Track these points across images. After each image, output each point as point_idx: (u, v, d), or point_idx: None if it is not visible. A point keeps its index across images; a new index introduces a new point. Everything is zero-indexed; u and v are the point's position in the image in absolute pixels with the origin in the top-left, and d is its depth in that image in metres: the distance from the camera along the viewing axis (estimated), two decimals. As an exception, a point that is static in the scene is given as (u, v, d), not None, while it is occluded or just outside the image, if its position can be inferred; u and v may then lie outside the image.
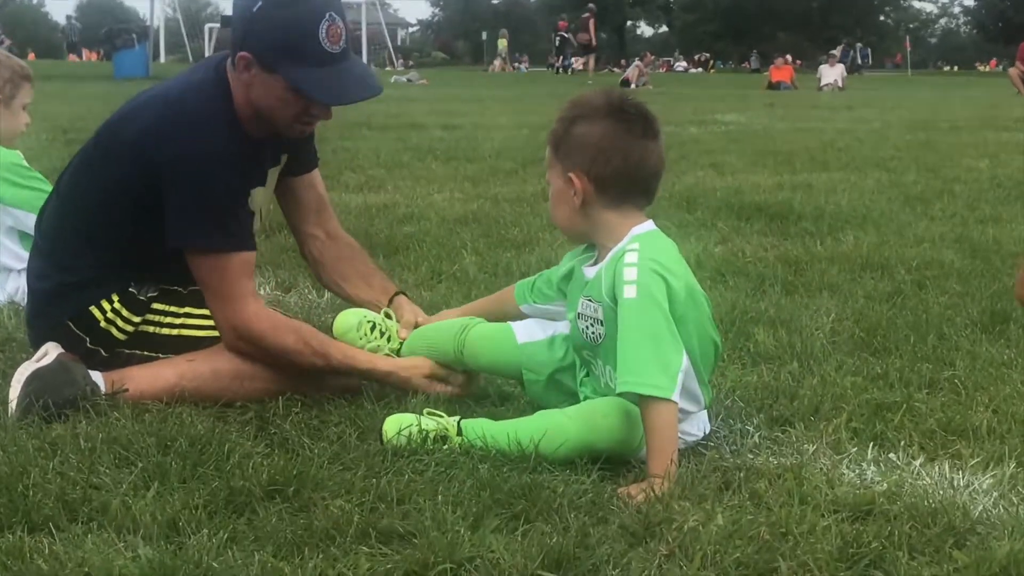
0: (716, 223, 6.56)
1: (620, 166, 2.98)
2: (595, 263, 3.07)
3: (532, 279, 3.41)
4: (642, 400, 2.81)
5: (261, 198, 3.50)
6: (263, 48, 3.23)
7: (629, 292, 2.86)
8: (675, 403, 2.80)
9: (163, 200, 3.26)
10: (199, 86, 3.38)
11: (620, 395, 2.84)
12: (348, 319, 3.58)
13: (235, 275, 3.30)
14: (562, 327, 3.26)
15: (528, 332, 3.32)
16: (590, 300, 3.02)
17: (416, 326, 3.57)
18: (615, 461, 2.85)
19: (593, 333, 3.03)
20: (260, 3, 3.21)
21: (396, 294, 3.73)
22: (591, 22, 40.39)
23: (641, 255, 2.90)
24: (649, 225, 3.02)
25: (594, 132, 2.99)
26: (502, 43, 51.82)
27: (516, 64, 62.74)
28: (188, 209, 3.25)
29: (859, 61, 51.99)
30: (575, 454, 2.82)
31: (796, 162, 10.18)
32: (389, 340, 3.54)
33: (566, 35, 44.64)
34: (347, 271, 3.77)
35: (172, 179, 3.24)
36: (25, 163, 4.71)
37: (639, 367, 2.81)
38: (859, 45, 48.10)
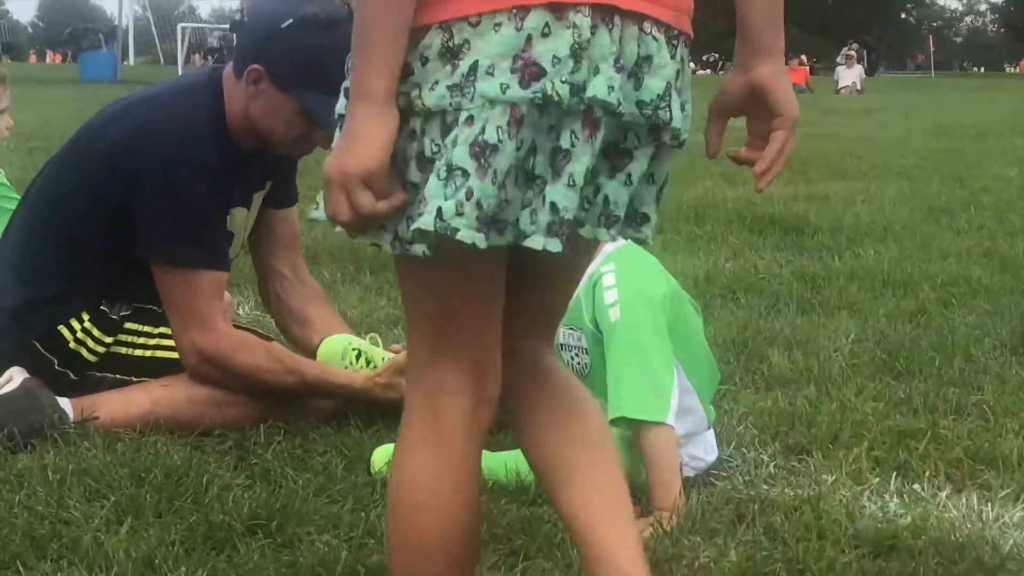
0: (727, 237, 6.59)
1: None
2: None
3: None
4: (635, 427, 2.82)
5: (241, 221, 3.52)
6: (282, 67, 3.27)
7: (613, 314, 2.88)
8: (670, 427, 2.81)
9: (135, 207, 3.28)
10: (189, 90, 3.41)
11: (613, 423, 2.81)
12: (333, 346, 3.61)
13: (203, 294, 3.32)
14: None
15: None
16: (572, 329, 3.04)
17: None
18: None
19: (579, 364, 3.05)
20: (291, 21, 3.26)
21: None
22: None
23: (618, 275, 2.92)
24: (620, 242, 3.02)
25: None
26: None
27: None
28: (161, 217, 3.27)
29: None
30: None
31: (812, 171, 10.20)
32: (374, 367, 3.55)
33: None
34: (312, 316, 3.77)
35: (147, 184, 3.26)
36: (5, 180, 4.75)
37: (629, 392, 2.82)
38: (855, 45, 48.25)
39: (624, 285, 2.89)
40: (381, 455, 2.95)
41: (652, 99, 1.78)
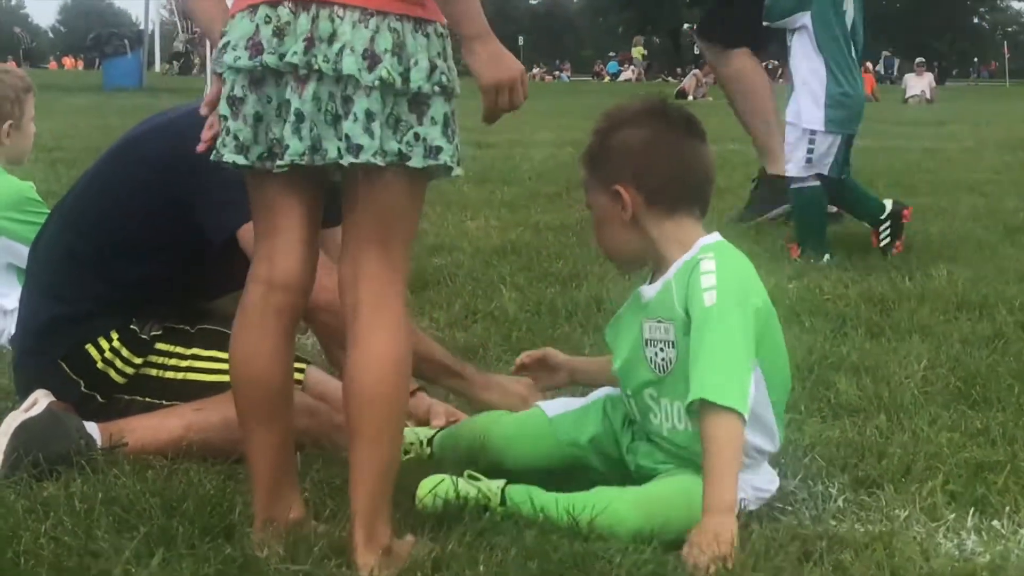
0: (790, 255, 6.57)
1: (668, 170, 3.06)
2: (652, 281, 3.11)
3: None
4: (706, 409, 2.82)
5: None
6: None
7: (709, 299, 2.90)
8: (742, 421, 2.81)
9: (197, 208, 3.33)
10: None
11: (689, 406, 2.88)
12: None
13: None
14: (599, 394, 3.33)
15: (559, 407, 3.35)
16: (659, 321, 3.04)
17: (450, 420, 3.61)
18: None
19: (664, 359, 3.03)
20: None
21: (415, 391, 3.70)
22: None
23: (719, 262, 2.96)
24: (717, 236, 3.09)
25: (635, 137, 3.09)
26: (638, 51, 52.14)
27: (557, 72, 62.96)
28: (228, 195, 3.22)
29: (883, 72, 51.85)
30: (637, 541, 2.79)
31: (878, 185, 10.12)
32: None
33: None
34: None
35: (207, 179, 3.25)
36: (36, 195, 4.83)
37: (712, 374, 2.83)
38: (885, 54, 48.02)
39: (723, 275, 2.93)
40: (427, 485, 2.95)
41: (333, 56, 2.54)
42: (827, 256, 6.49)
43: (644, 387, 3.09)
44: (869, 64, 42.22)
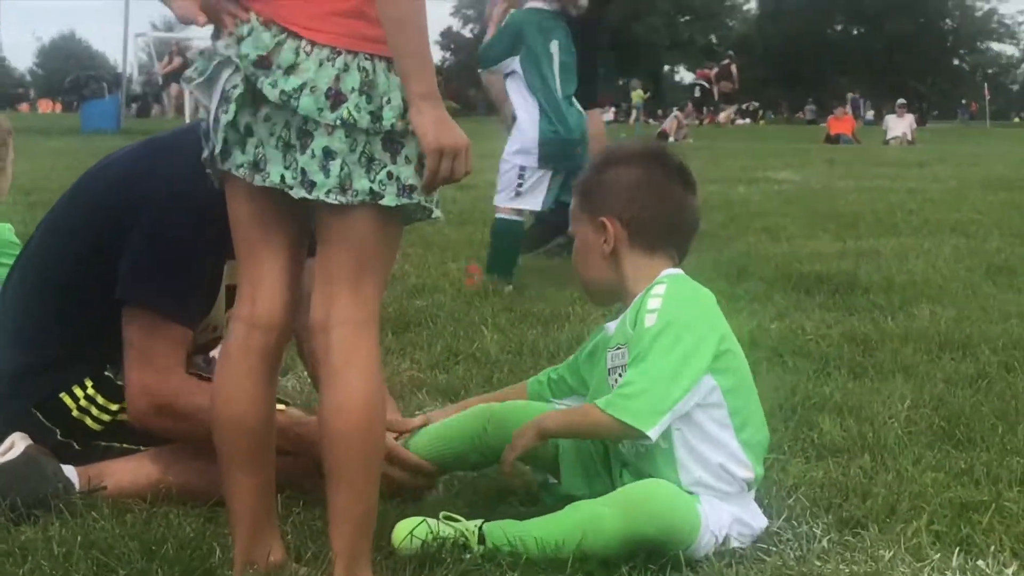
0: (772, 295, 6.60)
1: (655, 211, 3.18)
2: (617, 318, 3.20)
3: (548, 372, 3.52)
4: (615, 421, 2.96)
5: None
6: None
7: (649, 320, 3.02)
8: (648, 438, 2.94)
9: (124, 246, 3.30)
10: (193, 131, 3.43)
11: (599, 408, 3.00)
12: None
13: (169, 342, 3.33)
14: None
15: (569, 403, 3.42)
16: (617, 348, 3.14)
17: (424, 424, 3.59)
18: (665, 567, 2.85)
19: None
20: None
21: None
22: (733, 67, 43.37)
23: (668, 289, 3.08)
24: (678, 271, 3.19)
25: (629, 175, 3.22)
26: (637, 95, 52.36)
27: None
28: (146, 258, 3.28)
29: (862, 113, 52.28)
30: (622, 549, 2.85)
31: (861, 226, 10.21)
32: None
33: (707, 85, 45.85)
34: None
35: (137, 222, 3.29)
36: (15, 237, 4.83)
37: (627, 392, 2.97)
38: (851, 95, 48.62)
39: (670, 300, 3.04)
40: (404, 528, 2.95)
41: (288, 89, 2.54)
42: (510, 286, 6.83)
43: None
44: (848, 107, 42.59)
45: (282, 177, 2.58)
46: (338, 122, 2.53)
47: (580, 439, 3.21)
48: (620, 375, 3.10)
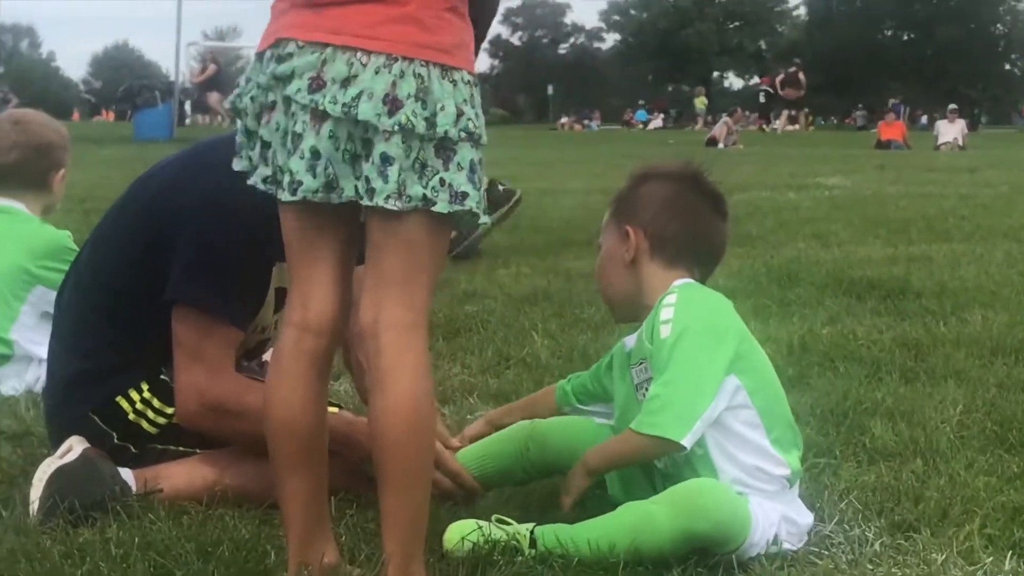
0: (823, 301, 6.57)
1: (682, 229, 3.21)
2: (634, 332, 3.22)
3: (572, 378, 3.54)
4: (648, 438, 2.98)
5: None
6: None
7: (664, 331, 3.03)
8: (682, 447, 2.95)
9: (172, 249, 3.32)
10: None
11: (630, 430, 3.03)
12: None
13: (219, 342, 3.35)
14: None
15: (606, 419, 3.43)
16: (640, 363, 3.15)
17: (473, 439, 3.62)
18: (717, 567, 2.86)
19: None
20: None
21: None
22: (800, 74, 43.01)
23: (680, 297, 3.09)
24: (689, 280, 3.20)
25: (661, 190, 3.25)
26: (701, 102, 52.58)
27: (586, 121, 63.11)
28: (195, 261, 3.31)
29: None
30: (675, 547, 2.87)
31: (912, 232, 10.16)
32: None
33: (772, 91, 45.91)
34: None
35: (187, 224, 3.32)
36: (73, 244, 4.90)
37: (654, 407, 2.98)
38: (892, 101, 48.47)
39: (682, 307, 3.05)
40: (456, 531, 2.97)
41: (347, 100, 2.55)
42: None
43: None
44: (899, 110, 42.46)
45: (355, 189, 2.61)
46: (396, 127, 2.55)
47: (626, 465, 3.19)
48: (647, 389, 3.11)
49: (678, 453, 3.01)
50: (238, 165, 2.77)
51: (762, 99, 47.81)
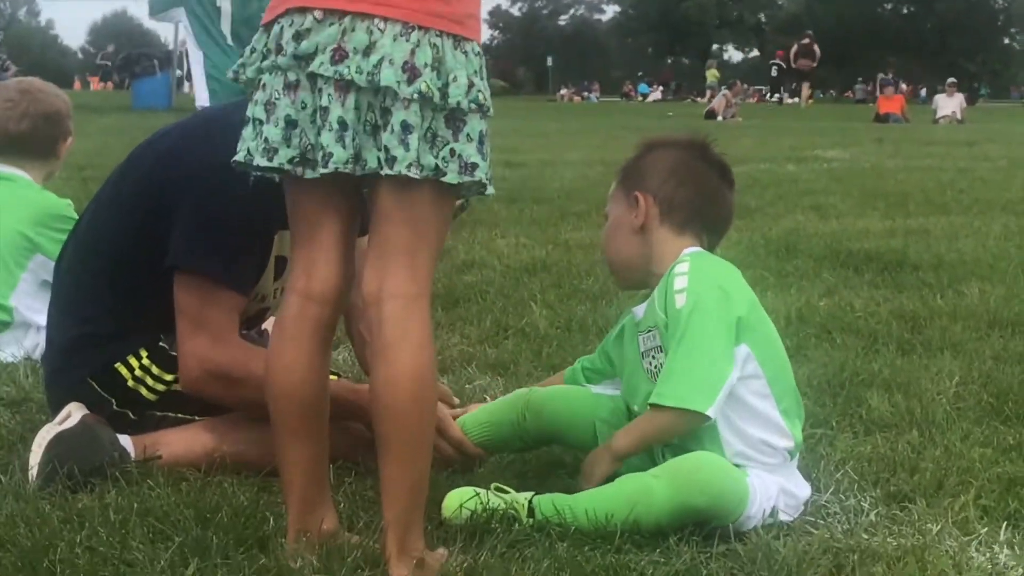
0: (820, 273, 6.58)
1: (691, 195, 3.21)
2: (645, 301, 3.22)
3: (582, 360, 3.57)
4: (672, 412, 2.98)
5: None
6: None
7: (679, 301, 3.02)
8: (708, 417, 2.95)
9: (174, 214, 3.32)
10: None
11: (652, 405, 3.02)
12: None
13: (222, 308, 3.34)
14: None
15: (602, 389, 3.45)
16: (648, 331, 3.15)
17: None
18: (713, 537, 2.87)
19: (656, 365, 3.13)
20: None
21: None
22: (815, 46, 43.27)
23: (692, 265, 3.09)
24: (700, 249, 3.20)
25: (669, 157, 3.25)
26: (712, 74, 52.65)
27: (585, 93, 63.02)
28: (197, 226, 3.30)
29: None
30: (672, 521, 2.87)
31: (910, 204, 10.17)
32: None
33: (784, 65, 46.11)
34: None
35: (189, 189, 3.31)
36: (74, 213, 4.89)
37: (675, 379, 2.98)
38: (881, 76, 48.78)
39: (696, 276, 3.05)
40: (455, 499, 2.97)
41: (370, 68, 2.55)
42: None
43: (647, 399, 3.15)
44: (903, 86, 42.49)
45: (378, 160, 2.59)
46: (416, 95, 2.55)
47: (652, 445, 3.14)
48: (654, 357, 3.13)
49: (702, 424, 3.00)
50: (239, 156, 2.74)
51: (774, 72, 48.05)
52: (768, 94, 52.65)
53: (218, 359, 3.30)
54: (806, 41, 43.82)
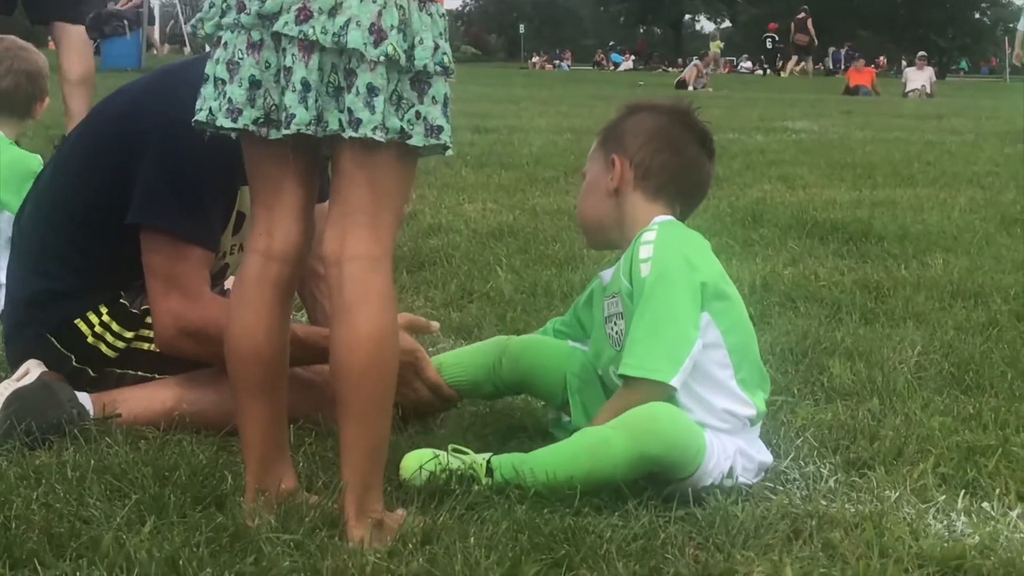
0: (786, 242, 6.59)
1: (668, 161, 3.20)
2: (613, 266, 3.23)
3: (553, 322, 3.57)
4: (638, 382, 2.98)
5: None
6: None
7: (644, 270, 3.03)
8: (673, 387, 2.96)
9: (136, 170, 3.29)
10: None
11: (621, 377, 3.02)
12: None
13: (192, 264, 3.32)
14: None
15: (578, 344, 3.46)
16: (613, 296, 3.16)
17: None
18: (671, 500, 2.87)
19: (616, 331, 3.15)
20: None
21: None
22: (809, 21, 44.20)
23: (659, 234, 3.08)
24: (670, 217, 3.20)
25: (649, 122, 3.24)
26: (716, 45, 52.82)
27: (557, 61, 62.94)
28: (160, 181, 3.27)
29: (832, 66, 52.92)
30: (631, 471, 2.88)
31: (877, 176, 10.19)
32: None
33: (776, 37, 46.74)
34: None
35: (151, 144, 3.27)
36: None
37: (640, 348, 2.99)
38: (833, 50, 49.52)
39: (661, 245, 3.05)
40: (413, 460, 2.96)
41: (336, 29, 2.52)
42: None
43: (608, 364, 3.19)
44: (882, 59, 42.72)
45: (340, 122, 2.57)
46: (382, 58, 2.53)
47: None
48: (615, 322, 3.14)
49: (668, 394, 3.00)
50: (200, 116, 2.70)
51: (769, 45, 48.68)
52: (761, 67, 53.00)
53: (193, 317, 3.28)
54: (801, 16, 44.59)
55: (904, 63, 43.47)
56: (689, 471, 2.91)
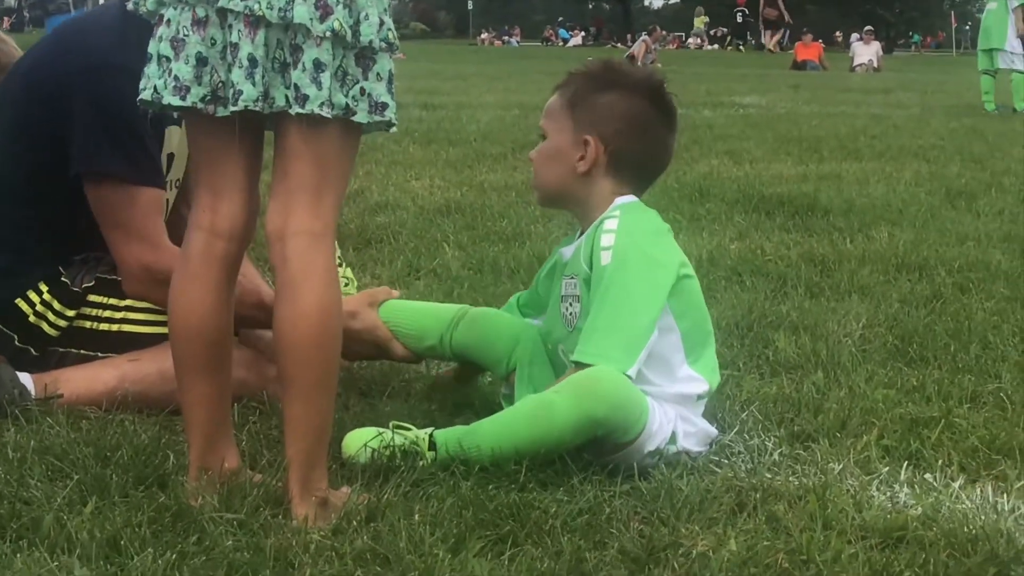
0: (732, 217, 6.61)
1: (641, 150, 3.19)
2: (573, 243, 3.22)
3: (517, 296, 3.59)
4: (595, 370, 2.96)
5: (179, 141, 3.45)
6: None
7: (605, 258, 3.02)
8: (628, 377, 2.95)
9: (67, 125, 3.25)
10: (116, 4, 3.36)
11: (576, 364, 3.00)
12: None
13: (145, 210, 3.31)
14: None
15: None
16: (571, 277, 3.16)
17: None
18: (615, 474, 2.88)
19: (571, 313, 3.15)
20: None
21: None
22: None
23: (622, 221, 3.07)
24: (632, 198, 3.19)
25: (629, 106, 3.19)
26: (701, 21, 52.86)
27: (506, 37, 62.82)
28: (93, 129, 3.25)
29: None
30: (576, 435, 2.87)
31: (824, 150, 10.23)
32: (347, 285, 3.60)
33: (747, 12, 47.13)
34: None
35: (75, 95, 3.24)
36: None
37: (597, 337, 2.98)
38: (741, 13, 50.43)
39: (622, 234, 3.03)
40: (356, 439, 2.94)
41: (282, 4, 2.50)
42: None
43: (558, 342, 3.20)
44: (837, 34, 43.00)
45: (286, 98, 2.55)
46: (328, 33, 2.51)
47: None
48: (571, 304, 3.14)
49: None
50: (145, 95, 2.65)
51: (739, 19, 49.05)
52: (730, 42, 53.10)
53: (161, 265, 3.23)
54: None
55: (854, 37, 43.81)
56: (633, 433, 2.91)
